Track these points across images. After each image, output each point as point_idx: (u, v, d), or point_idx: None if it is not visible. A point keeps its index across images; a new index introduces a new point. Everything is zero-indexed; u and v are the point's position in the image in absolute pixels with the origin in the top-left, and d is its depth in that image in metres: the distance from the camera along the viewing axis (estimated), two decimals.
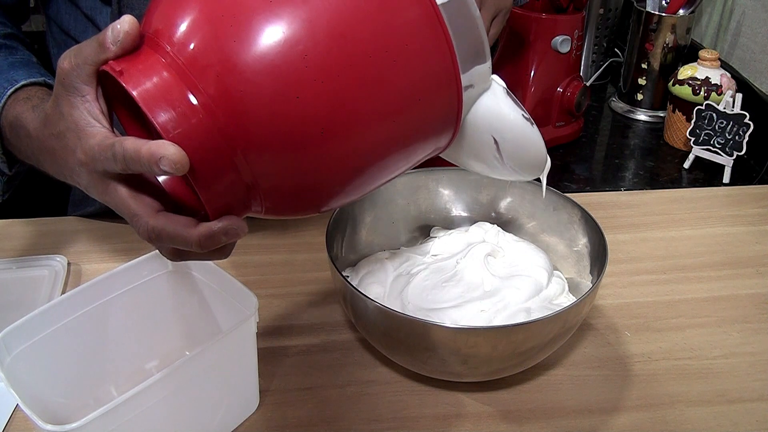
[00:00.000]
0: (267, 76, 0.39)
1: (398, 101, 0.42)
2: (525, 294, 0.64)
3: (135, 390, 0.47)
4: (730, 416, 0.61)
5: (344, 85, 0.40)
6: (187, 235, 0.42)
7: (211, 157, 0.40)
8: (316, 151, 0.41)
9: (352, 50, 0.40)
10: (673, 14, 1.13)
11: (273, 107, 0.39)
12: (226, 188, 0.41)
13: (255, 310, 0.55)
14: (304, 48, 0.39)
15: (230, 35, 0.39)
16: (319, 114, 0.40)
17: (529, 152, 0.53)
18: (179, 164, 0.38)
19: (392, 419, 0.61)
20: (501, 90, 0.49)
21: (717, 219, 0.89)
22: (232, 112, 0.39)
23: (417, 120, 0.44)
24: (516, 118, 0.50)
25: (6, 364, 0.51)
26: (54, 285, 0.73)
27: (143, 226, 0.43)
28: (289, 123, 0.40)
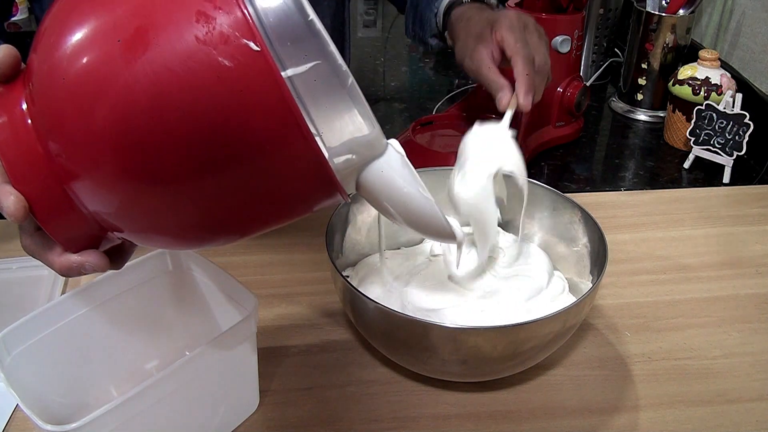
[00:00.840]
0: (83, 118, 0.38)
1: (235, 173, 0.39)
2: (525, 294, 0.64)
3: (135, 390, 0.47)
4: (730, 416, 0.61)
5: (163, 149, 0.37)
6: (51, 261, 0.45)
7: (54, 195, 0.40)
8: (141, 197, 0.39)
9: (175, 112, 0.36)
10: (673, 14, 1.13)
11: (86, 150, 0.38)
12: (71, 223, 0.42)
13: (255, 310, 0.55)
14: (120, 104, 0.37)
15: (57, 73, 0.38)
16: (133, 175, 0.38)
17: (427, 226, 0.50)
18: (14, 216, 0.40)
19: (392, 419, 0.61)
20: (397, 159, 0.46)
21: (717, 219, 0.89)
22: (56, 145, 0.39)
23: (263, 191, 0.40)
24: (408, 192, 0.47)
25: (6, 364, 0.51)
26: (54, 285, 0.73)
27: (22, 241, 0.46)
28: (101, 161, 0.38)
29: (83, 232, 0.43)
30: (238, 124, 0.37)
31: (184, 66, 0.36)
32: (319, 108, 0.39)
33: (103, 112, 0.37)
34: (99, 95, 0.37)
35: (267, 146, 0.38)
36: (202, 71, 0.36)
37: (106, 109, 0.37)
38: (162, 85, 0.36)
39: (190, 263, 0.61)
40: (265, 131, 0.37)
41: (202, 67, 0.36)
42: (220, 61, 0.36)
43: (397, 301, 0.65)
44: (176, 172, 0.38)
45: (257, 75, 0.36)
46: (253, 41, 0.36)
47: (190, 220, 0.41)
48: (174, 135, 0.37)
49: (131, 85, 0.36)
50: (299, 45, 0.37)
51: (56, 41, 0.38)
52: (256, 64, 0.36)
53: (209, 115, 0.36)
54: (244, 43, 0.36)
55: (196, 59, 0.36)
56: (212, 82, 0.36)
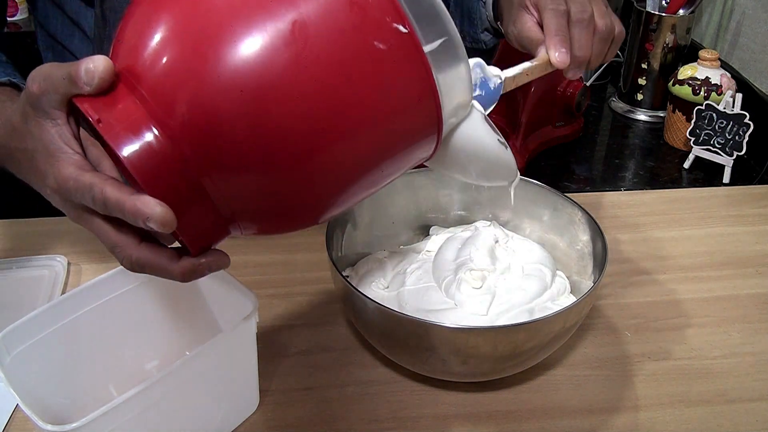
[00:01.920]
0: (240, 117, 0.38)
1: (379, 136, 0.42)
2: (530, 294, 0.64)
3: (135, 390, 0.47)
4: (730, 416, 0.61)
5: (323, 124, 0.40)
6: (170, 269, 0.43)
7: (187, 195, 0.40)
8: (287, 180, 0.41)
9: (337, 94, 0.39)
10: (673, 14, 1.13)
11: (243, 142, 0.39)
12: (204, 222, 0.42)
13: (255, 310, 0.55)
14: (284, 94, 0.38)
15: (198, 73, 0.38)
16: (296, 147, 0.40)
17: (500, 172, 0.55)
18: (167, 225, 0.38)
19: (392, 419, 0.61)
20: (480, 116, 0.51)
21: (717, 219, 0.89)
22: (202, 147, 0.39)
23: (395, 152, 0.44)
24: (491, 142, 0.52)
25: (6, 364, 0.51)
26: (54, 285, 0.73)
27: (126, 258, 0.43)
28: (260, 155, 0.39)
29: (209, 229, 0.42)
30: (387, 96, 0.41)
31: (343, 53, 0.39)
32: (445, 78, 0.44)
33: (273, 106, 0.38)
34: (265, 92, 0.38)
35: (405, 114, 0.43)
36: (360, 56, 0.40)
37: (275, 104, 0.38)
38: (325, 73, 0.39)
39: None
40: (407, 100, 0.42)
41: (361, 52, 0.40)
42: (376, 45, 0.40)
43: (394, 301, 0.65)
44: (337, 149, 0.41)
45: (406, 54, 0.41)
46: (402, 24, 0.40)
47: (324, 194, 0.44)
48: (334, 119, 0.40)
49: (295, 78, 0.38)
50: (432, 24, 0.43)
51: (192, 44, 0.39)
52: (405, 45, 0.41)
53: (366, 93, 0.40)
54: (395, 27, 0.40)
55: (354, 45, 0.40)
56: (368, 64, 0.40)
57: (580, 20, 0.64)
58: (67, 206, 0.44)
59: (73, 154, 0.43)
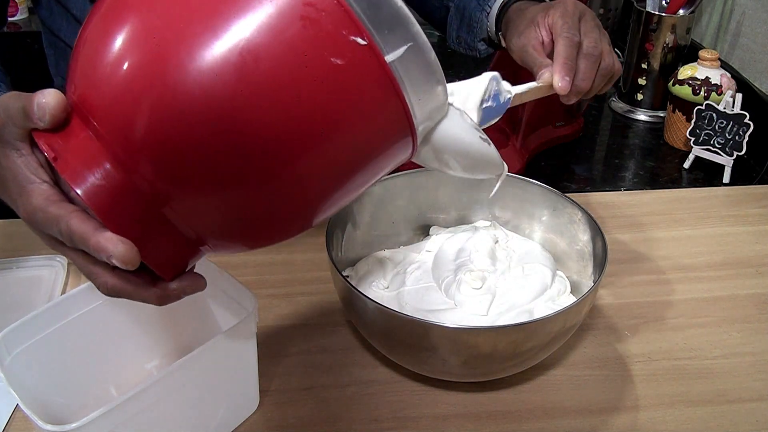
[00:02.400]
0: (190, 133, 0.37)
1: (349, 151, 0.41)
2: (530, 294, 0.64)
3: (135, 390, 0.47)
4: (730, 416, 0.61)
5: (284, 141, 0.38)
6: (145, 295, 0.43)
7: (148, 224, 0.40)
8: (245, 200, 0.40)
9: (294, 113, 0.38)
10: (673, 14, 1.13)
11: (196, 163, 0.38)
12: (171, 248, 0.41)
13: (255, 310, 0.55)
14: (237, 117, 0.37)
15: (145, 96, 0.37)
16: (252, 171, 0.39)
17: (485, 167, 0.55)
18: (129, 262, 0.38)
19: (392, 419, 0.61)
20: (457, 115, 0.50)
21: (717, 219, 0.89)
22: (154, 172, 0.38)
23: (366, 162, 0.43)
24: (472, 140, 0.51)
25: (6, 364, 0.51)
26: (54, 285, 0.73)
27: (102, 285, 0.43)
28: (216, 176, 0.38)
29: (178, 254, 0.42)
30: (350, 110, 0.40)
31: (298, 72, 0.37)
32: (413, 84, 0.42)
33: (228, 131, 0.37)
34: (218, 118, 0.37)
35: (374, 125, 0.41)
36: (316, 73, 0.38)
37: (230, 129, 0.37)
38: (279, 93, 0.37)
39: None
40: (374, 111, 0.41)
41: (317, 69, 0.38)
42: (333, 60, 0.38)
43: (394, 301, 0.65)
44: (290, 163, 0.39)
45: (366, 66, 0.39)
46: (360, 36, 0.38)
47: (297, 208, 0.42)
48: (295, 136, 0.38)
49: (246, 101, 0.37)
50: (394, 31, 0.40)
51: (143, 70, 0.37)
52: (364, 57, 0.39)
53: (325, 110, 0.39)
54: (352, 39, 0.38)
55: (310, 63, 0.38)
56: (327, 81, 0.38)
57: (590, 54, 0.66)
58: (41, 235, 0.44)
59: (41, 184, 0.42)
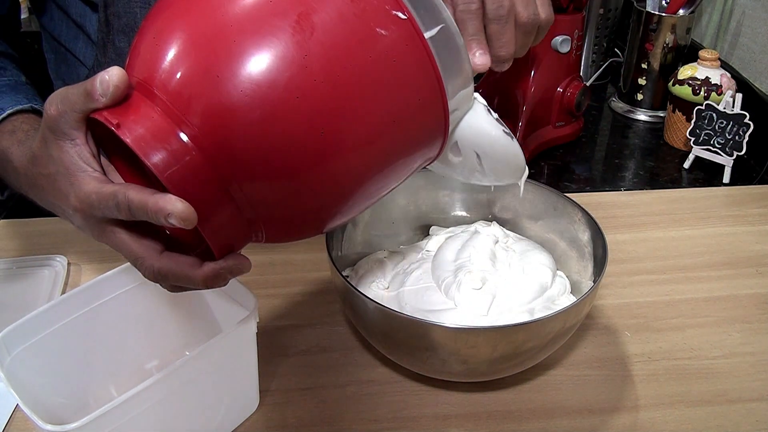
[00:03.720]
0: (260, 117, 0.39)
1: (389, 129, 0.43)
2: (530, 294, 0.64)
3: (135, 390, 0.47)
4: (730, 416, 0.61)
5: (336, 115, 0.41)
6: (193, 276, 0.43)
7: (212, 198, 0.40)
8: (308, 177, 0.42)
9: (345, 84, 0.40)
10: (673, 14, 1.13)
11: (266, 145, 0.40)
12: (229, 225, 0.42)
13: (255, 310, 0.55)
14: (296, 86, 0.39)
15: (220, 77, 0.39)
16: (311, 143, 0.41)
17: (509, 164, 0.55)
18: (188, 220, 0.39)
19: (392, 419, 0.61)
20: (483, 108, 0.51)
21: (717, 219, 0.89)
22: (227, 151, 0.39)
23: (407, 144, 0.45)
24: (497, 134, 0.52)
25: (6, 364, 0.51)
26: (54, 285, 0.73)
27: (148, 268, 0.43)
28: (280, 153, 0.40)
29: (234, 235, 0.43)
30: (393, 84, 0.42)
31: (348, 40, 0.41)
32: (444, 66, 0.44)
33: (279, 97, 0.39)
34: (274, 83, 0.39)
35: (412, 101, 0.44)
36: (364, 42, 0.41)
37: (282, 95, 0.39)
38: (332, 62, 0.40)
39: None
40: (412, 87, 0.43)
41: (364, 38, 0.41)
42: (378, 31, 0.41)
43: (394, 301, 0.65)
44: (343, 141, 0.42)
45: (406, 39, 0.42)
46: (401, 11, 0.42)
47: (341, 195, 0.45)
48: (346, 105, 0.41)
49: (306, 66, 0.39)
50: (429, 11, 0.44)
51: (204, 46, 0.40)
52: (405, 31, 0.42)
53: (369, 80, 0.41)
54: (394, 13, 0.42)
55: (357, 32, 0.41)
56: (373, 51, 0.41)
57: (497, 17, 0.59)
58: (90, 224, 0.44)
59: (93, 172, 0.43)
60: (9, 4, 0.77)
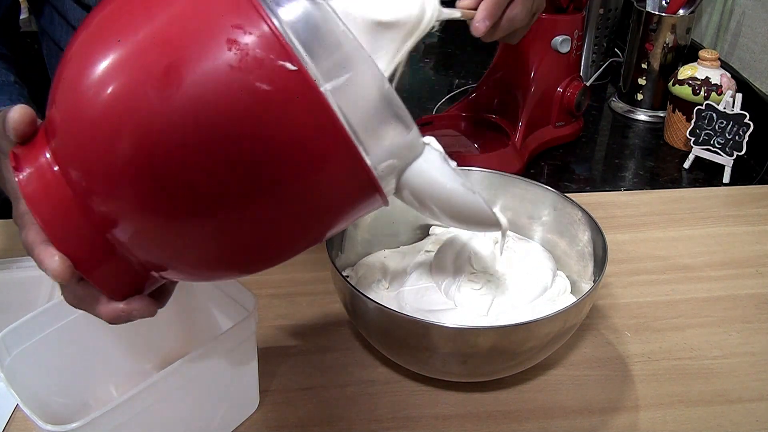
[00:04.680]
0: (123, 158, 0.36)
1: (290, 194, 0.38)
2: (530, 295, 0.64)
3: (135, 390, 0.47)
4: (730, 416, 0.61)
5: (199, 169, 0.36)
6: (97, 312, 0.44)
7: (93, 248, 0.40)
8: (189, 230, 0.39)
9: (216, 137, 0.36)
10: (673, 14, 1.13)
11: (130, 190, 0.37)
12: (115, 271, 0.41)
13: (255, 310, 0.55)
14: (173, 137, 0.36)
15: (84, 120, 0.37)
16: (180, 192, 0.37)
17: (473, 219, 0.50)
18: (61, 278, 0.40)
19: (392, 419, 0.61)
20: (437, 156, 0.45)
21: (717, 219, 0.89)
22: (98, 198, 0.38)
23: (316, 200, 0.40)
24: (453, 187, 0.46)
25: (6, 364, 0.51)
26: (54, 285, 0.73)
27: (65, 292, 0.45)
28: (150, 203, 0.37)
29: (128, 278, 0.42)
30: (281, 145, 0.36)
31: (220, 96, 0.35)
32: (360, 117, 0.38)
33: (138, 150, 0.36)
34: (133, 133, 0.36)
35: (311, 164, 0.37)
36: (240, 99, 0.35)
37: (141, 147, 0.36)
38: (200, 118, 0.35)
39: None
40: (309, 149, 0.37)
41: (241, 94, 0.35)
42: (258, 86, 0.35)
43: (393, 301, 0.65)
44: (221, 202, 0.37)
45: (297, 94, 0.36)
46: (290, 61, 0.35)
47: (236, 249, 0.40)
48: (215, 166, 0.36)
49: (167, 120, 0.35)
50: (334, 56, 0.37)
51: (80, 87, 0.37)
52: (296, 84, 0.35)
53: (251, 141, 0.36)
54: (280, 64, 0.35)
55: (233, 88, 0.35)
56: (252, 107, 0.35)
57: None
58: None
59: None
60: (9, 4, 0.77)
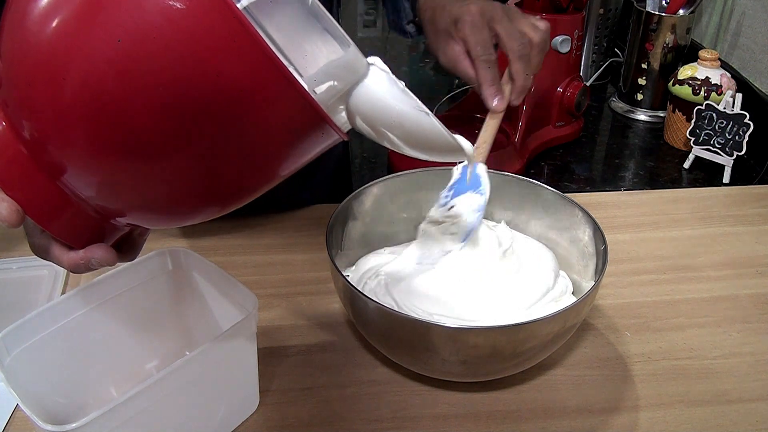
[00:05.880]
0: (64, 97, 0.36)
1: (226, 120, 0.36)
2: (532, 295, 0.64)
3: (135, 390, 0.47)
4: (730, 416, 0.61)
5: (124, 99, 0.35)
6: (59, 260, 0.44)
7: (45, 197, 0.40)
8: (135, 170, 0.38)
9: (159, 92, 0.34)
10: (673, 14, 1.13)
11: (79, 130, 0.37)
12: (70, 218, 0.41)
13: (255, 310, 0.55)
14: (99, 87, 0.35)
15: (26, 59, 0.37)
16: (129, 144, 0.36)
17: (429, 143, 0.47)
18: (8, 222, 0.40)
19: (392, 419, 0.61)
20: (384, 78, 0.43)
21: (717, 219, 0.89)
22: (40, 141, 0.38)
23: (256, 131, 0.37)
24: (402, 109, 0.43)
25: (6, 364, 0.51)
26: (54, 285, 0.73)
27: (30, 243, 0.45)
28: (98, 144, 0.37)
29: (84, 224, 0.42)
30: (204, 72, 0.34)
31: (135, 19, 0.33)
32: (285, 35, 0.36)
33: (83, 90, 0.35)
34: (65, 70, 0.35)
35: (239, 90, 0.35)
36: (153, 21, 0.33)
37: (75, 84, 0.35)
38: (121, 46, 0.34)
39: (190, 263, 0.61)
40: (233, 73, 0.34)
41: (154, 16, 0.33)
42: (171, 4, 0.33)
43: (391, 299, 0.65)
44: (154, 139, 0.36)
45: (211, 11, 0.33)
46: None
47: (182, 191, 0.39)
48: (142, 99, 0.34)
49: (92, 52, 0.34)
50: None
51: (22, 32, 0.37)
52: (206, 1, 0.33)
53: (170, 68, 0.34)
54: None
55: (145, 9, 0.33)
56: (166, 29, 0.33)
57: (522, 56, 0.64)
58: None
59: None
60: None
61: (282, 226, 0.85)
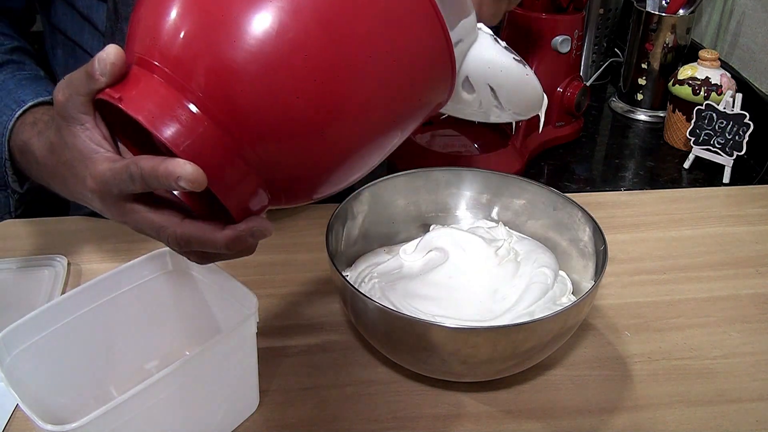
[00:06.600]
0: (264, 76, 0.39)
1: (394, 76, 0.42)
2: (532, 295, 0.64)
3: (135, 390, 0.47)
4: (730, 416, 0.61)
5: (339, 73, 0.40)
6: (214, 239, 0.43)
7: (224, 161, 0.40)
8: (321, 139, 0.41)
9: (340, 31, 0.40)
10: (673, 14, 1.13)
11: (273, 104, 0.39)
12: (243, 187, 0.42)
13: (255, 310, 0.55)
14: (299, 44, 0.39)
15: (221, 39, 0.39)
16: (320, 104, 0.40)
17: (526, 93, 0.53)
18: (197, 182, 0.39)
19: (392, 419, 0.61)
20: (489, 38, 0.49)
21: (717, 219, 0.89)
22: (234, 114, 0.39)
23: (414, 89, 0.44)
24: (508, 63, 0.50)
25: (6, 364, 0.51)
26: (54, 285, 0.73)
27: (171, 236, 0.43)
28: (290, 116, 0.40)
29: (251, 199, 0.43)
30: (388, 22, 0.41)
31: None
32: None
33: (277, 49, 0.39)
34: (271, 37, 0.39)
35: (409, 37, 0.42)
36: None
37: (280, 47, 0.39)
38: (324, 9, 0.39)
39: (190, 263, 0.61)
40: (408, 23, 0.42)
41: None
42: None
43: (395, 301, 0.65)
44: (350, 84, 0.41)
45: None
46: None
47: (357, 146, 0.44)
48: (343, 52, 0.40)
49: (300, 17, 0.39)
50: None
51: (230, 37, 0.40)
52: None
53: (368, 23, 0.40)
54: None
55: None
56: None
57: None
58: (107, 204, 0.45)
59: (105, 152, 0.44)
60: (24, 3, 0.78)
61: (282, 226, 0.85)
